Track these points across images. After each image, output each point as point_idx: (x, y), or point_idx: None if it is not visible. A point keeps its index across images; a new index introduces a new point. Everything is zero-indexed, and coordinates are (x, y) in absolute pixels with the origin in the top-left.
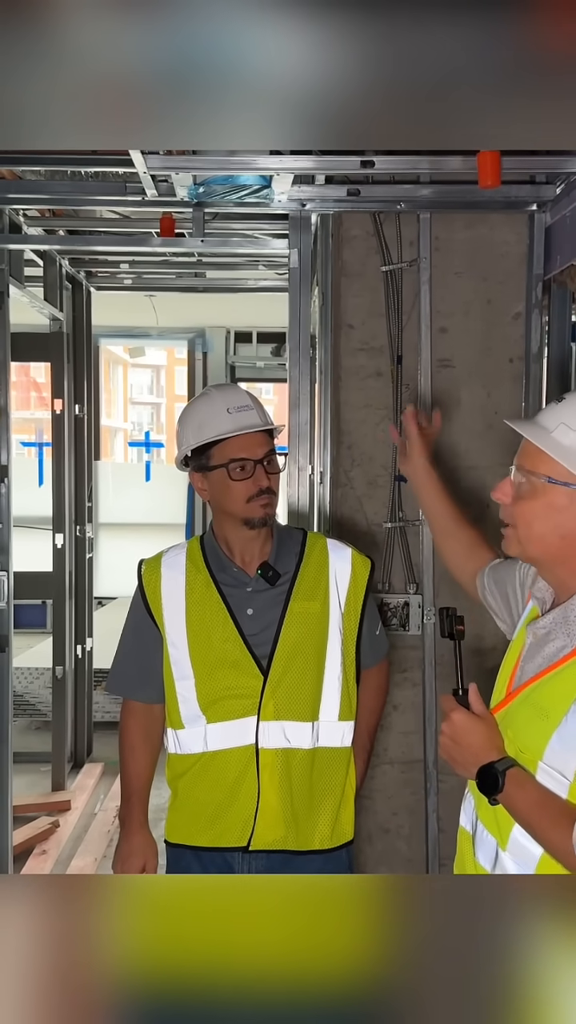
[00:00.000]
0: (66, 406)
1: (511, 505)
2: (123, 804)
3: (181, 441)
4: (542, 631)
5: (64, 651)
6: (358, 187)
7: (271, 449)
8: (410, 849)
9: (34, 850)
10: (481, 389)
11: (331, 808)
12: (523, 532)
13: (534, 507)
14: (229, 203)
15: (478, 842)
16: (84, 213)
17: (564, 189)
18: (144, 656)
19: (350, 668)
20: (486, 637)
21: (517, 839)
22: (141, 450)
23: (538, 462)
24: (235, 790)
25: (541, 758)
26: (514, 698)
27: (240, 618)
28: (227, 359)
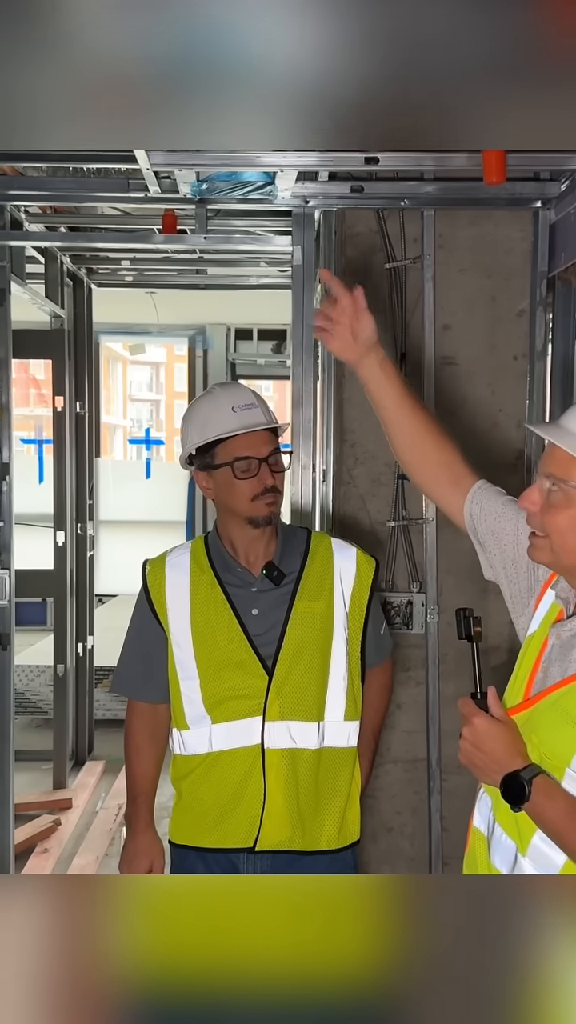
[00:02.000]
0: (67, 403)
1: (540, 515)
2: (129, 804)
3: (185, 440)
4: (568, 633)
5: (65, 649)
6: (361, 184)
7: (276, 447)
8: (413, 848)
9: (35, 848)
10: (485, 387)
11: (337, 808)
12: (557, 542)
13: (567, 516)
14: (232, 200)
15: (494, 845)
16: (86, 210)
17: (569, 186)
18: (149, 656)
19: (355, 668)
20: (490, 637)
21: (538, 846)
22: (141, 447)
23: (569, 470)
24: (241, 791)
25: (569, 765)
26: (537, 702)
27: (245, 618)
28: (227, 356)
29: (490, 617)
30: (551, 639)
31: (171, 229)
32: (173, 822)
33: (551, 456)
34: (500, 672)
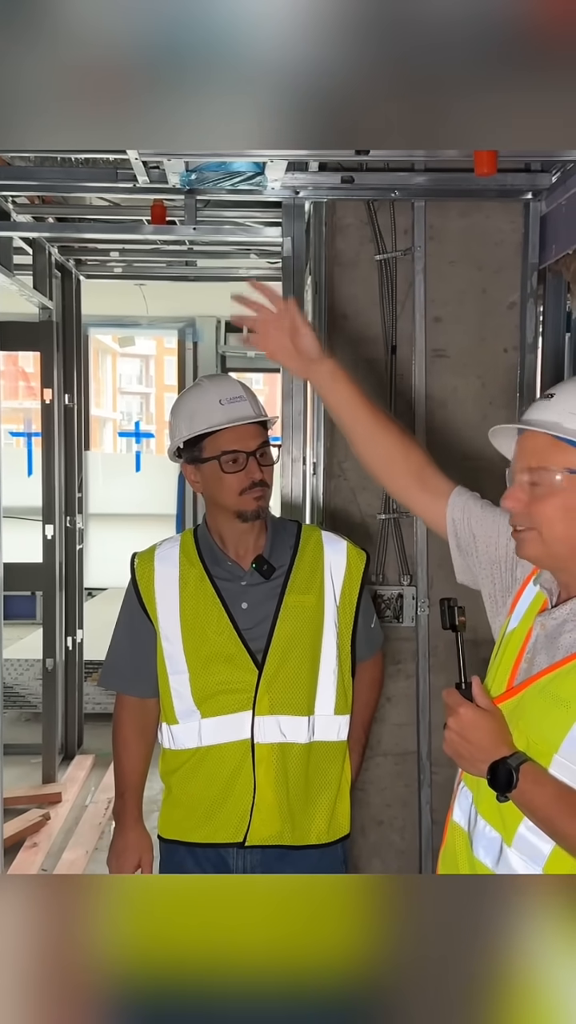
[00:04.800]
0: (56, 396)
1: (526, 510)
2: (117, 799)
3: (174, 432)
4: (554, 622)
5: (54, 642)
6: (352, 174)
7: (264, 441)
8: (403, 841)
9: (25, 843)
10: (476, 379)
11: (327, 802)
12: (547, 533)
13: (555, 504)
14: (222, 190)
15: (477, 838)
16: (74, 200)
17: (560, 177)
18: (138, 650)
19: (345, 662)
20: (480, 629)
21: (524, 835)
22: (131, 440)
23: (550, 457)
24: (230, 785)
25: (557, 750)
26: (523, 690)
27: (235, 612)
28: (217, 349)
29: (480, 611)
30: (536, 629)
31: (160, 220)
32: (162, 817)
33: (523, 451)
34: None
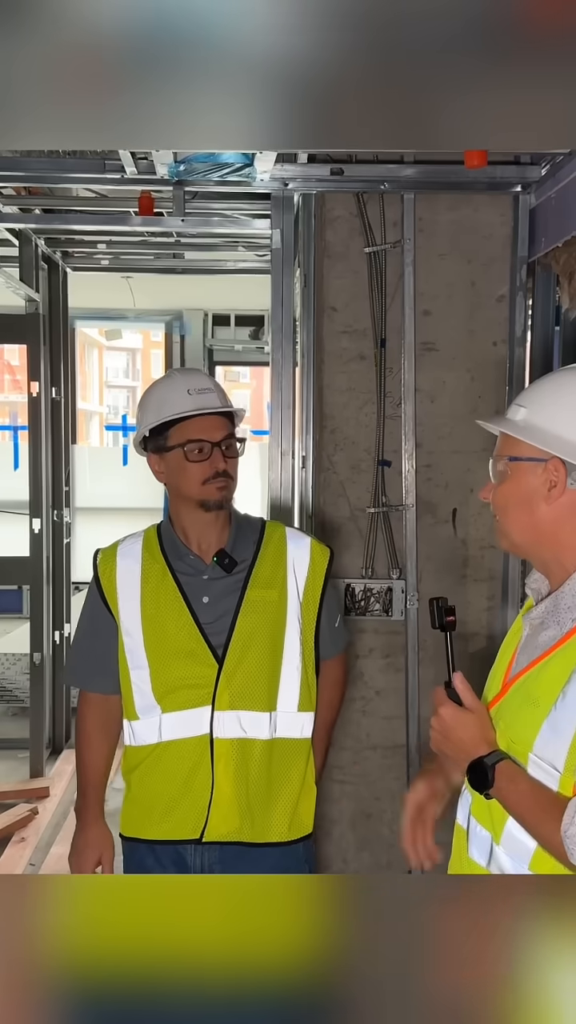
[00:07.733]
0: (42, 389)
1: (492, 501)
2: (79, 796)
3: (140, 421)
4: (536, 621)
5: (42, 637)
6: (341, 166)
7: (230, 433)
8: (392, 834)
9: (13, 837)
10: (465, 372)
11: (289, 800)
12: (502, 520)
13: (506, 490)
14: (210, 182)
15: (472, 837)
16: (60, 192)
17: (549, 170)
18: (100, 646)
19: (309, 659)
20: (469, 623)
21: (511, 833)
22: (118, 434)
23: (501, 448)
24: (189, 781)
25: (531, 749)
26: (507, 690)
27: (196, 606)
28: (205, 342)
29: (469, 604)
30: (525, 629)
31: (148, 211)
32: (123, 815)
33: (496, 444)
34: (479, 659)
